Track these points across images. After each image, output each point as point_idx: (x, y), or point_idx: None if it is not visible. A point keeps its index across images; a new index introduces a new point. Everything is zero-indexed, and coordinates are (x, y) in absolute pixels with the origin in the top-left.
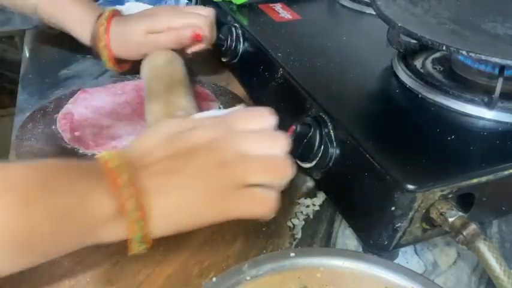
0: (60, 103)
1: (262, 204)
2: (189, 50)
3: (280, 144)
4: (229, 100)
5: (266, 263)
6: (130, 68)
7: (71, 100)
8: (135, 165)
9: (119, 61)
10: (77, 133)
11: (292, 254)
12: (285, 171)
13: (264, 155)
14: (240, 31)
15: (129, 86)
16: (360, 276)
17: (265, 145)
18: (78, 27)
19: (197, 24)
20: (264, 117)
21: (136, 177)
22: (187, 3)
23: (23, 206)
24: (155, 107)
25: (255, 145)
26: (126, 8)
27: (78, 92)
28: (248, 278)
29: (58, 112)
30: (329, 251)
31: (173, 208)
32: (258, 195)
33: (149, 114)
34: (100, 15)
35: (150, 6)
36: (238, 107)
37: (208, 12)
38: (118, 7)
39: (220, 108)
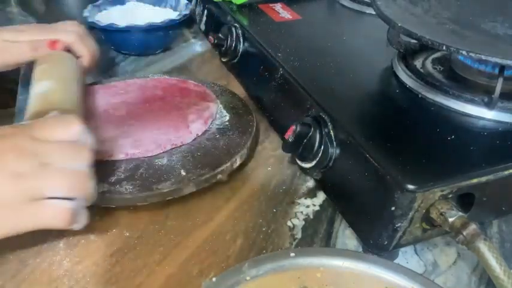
0: None
1: (55, 216)
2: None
3: (81, 156)
4: (229, 100)
5: (266, 263)
6: None
7: None
8: None
9: None
10: None
11: (292, 254)
12: (84, 185)
13: (64, 167)
14: (240, 31)
15: (133, 85)
16: (360, 276)
17: (66, 157)
18: None
19: (63, 39)
20: (68, 126)
21: None
22: (186, 4)
23: None
24: (31, 105)
25: (55, 156)
26: (127, 8)
27: None
28: (248, 278)
29: None
30: (329, 251)
31: None
32: (52, 206)
33: (26, 112)
34: None
35: (150, 7)
36: (50, 114)
37: (77, 27)
38: (119, 7)
39: (220, 108)
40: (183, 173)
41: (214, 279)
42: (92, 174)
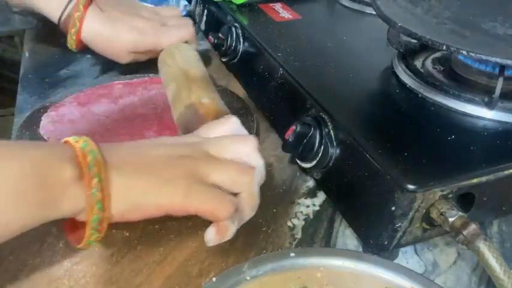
0: (59, 103)
1: (221, 203)
2: None
3: (249, 173)
4: (229, 100)
5: (266, 263)
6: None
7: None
8: (104, 149)
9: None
10: None
11: (292, 254)
12: (248, 176)
13: (231, 159)
14: (240, 31)
15: (136, 85)
16: (360, 276)
17: (235, 151)
18: (47, 4)
19: (185, 37)
20: (244, 143)
21: (102, 158)
22: (186, 5)
23: None
24: (180, 98)
25: (224, 151)
26: None
27: (69, 97)
28: (248, 278)
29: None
30: (329, 251)
31: (134, 190)
32: (219, 194)
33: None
34: None
35: (152, 6)
36: (225, 136)
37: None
38: None
39: None
40: None
41: (214, 279)
42: (256, 171)
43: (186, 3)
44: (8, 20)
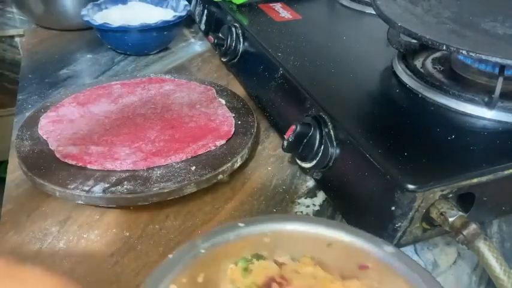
0: (59, 103)
1: None
2: None
3: None
4: (230, 100)
5: (219, 235)
6: None
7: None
8: None
9: None
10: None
11: (241, 224)
12: None
13: None
14: (240, 31)
15: (135, 85)
16: (302, 236)
17: None
18: None
19: None
20: None
21: None
22: (185, 5)
23: None
24: None
25: None
26: (129, 8)
27: (68, 99)
28: (203, 250)
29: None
30: (275, 218)
31: None
32: None
33: None
34: None
35: (152, 7)
36: None
37: None
38: (120, 6)
39: (223, 104)
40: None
41: (170, 256)
42: None
43: (186, 3)
44: (8, 20)
